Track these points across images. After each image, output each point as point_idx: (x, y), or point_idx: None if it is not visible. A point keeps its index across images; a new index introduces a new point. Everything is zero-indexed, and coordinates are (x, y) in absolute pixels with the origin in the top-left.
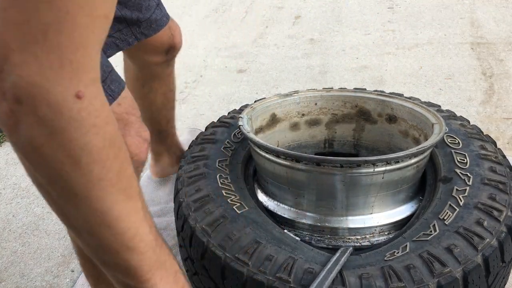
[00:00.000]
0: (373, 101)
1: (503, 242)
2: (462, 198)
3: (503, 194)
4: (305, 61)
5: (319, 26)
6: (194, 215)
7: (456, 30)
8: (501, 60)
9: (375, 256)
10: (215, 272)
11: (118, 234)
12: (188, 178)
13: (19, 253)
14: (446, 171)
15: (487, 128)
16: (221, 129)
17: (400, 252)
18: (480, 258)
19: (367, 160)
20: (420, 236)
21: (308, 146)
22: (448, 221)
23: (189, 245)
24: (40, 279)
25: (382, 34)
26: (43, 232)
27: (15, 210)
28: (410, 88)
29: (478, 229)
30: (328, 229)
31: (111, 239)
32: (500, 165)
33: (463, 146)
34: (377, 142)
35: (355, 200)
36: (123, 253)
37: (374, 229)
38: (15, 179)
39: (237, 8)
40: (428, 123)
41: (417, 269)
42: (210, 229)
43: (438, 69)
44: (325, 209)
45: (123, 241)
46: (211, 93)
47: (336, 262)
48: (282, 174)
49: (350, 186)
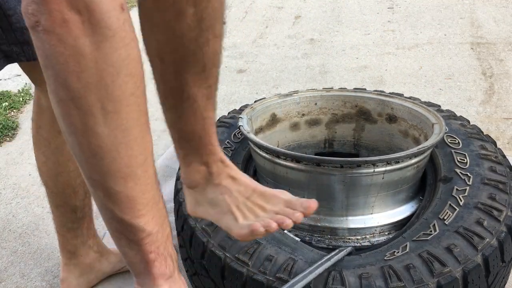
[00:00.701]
0: (373, 101)
1: (503, 241)
2: (462, 198)
3: (503, 194)
4: (305, 61)
5: (319, 26)
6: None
7: (456, 30)
8: (501, 60)
9: (375, 256)
10: (215, 272)
11: (132, 156)
12: None
13: (19, 253)
14: (446, 171)
15: (487, 128)
16: (221, 129)
17: (400, 252)
18: (480, 258)
19: (367, 161)
20: (420, 236)
21: (308, 146)
22: (448, 221)
23: (189, 245)
24: (40, 279)
25: (382, 34)
26: (43, 232)
27: (15, 210)
28: (410, 88)
29: (478, 229)
30: (328, 230)
31: (124, 161)
32: (500, 165)
33: (463, 146)
34: (377, 142)
35: (355, 200)
36: (130, 179)
37: (374, 229)
38: (15, 179)
39: (237, 8)
40: (428, 123)
41: (417, 269)
42: (210, 229)
43: (438, 69)
44: (325, 209)
45: (133, 165)
46: None
47: (326, 261)
48: (282, 174)
49: (350, 186)
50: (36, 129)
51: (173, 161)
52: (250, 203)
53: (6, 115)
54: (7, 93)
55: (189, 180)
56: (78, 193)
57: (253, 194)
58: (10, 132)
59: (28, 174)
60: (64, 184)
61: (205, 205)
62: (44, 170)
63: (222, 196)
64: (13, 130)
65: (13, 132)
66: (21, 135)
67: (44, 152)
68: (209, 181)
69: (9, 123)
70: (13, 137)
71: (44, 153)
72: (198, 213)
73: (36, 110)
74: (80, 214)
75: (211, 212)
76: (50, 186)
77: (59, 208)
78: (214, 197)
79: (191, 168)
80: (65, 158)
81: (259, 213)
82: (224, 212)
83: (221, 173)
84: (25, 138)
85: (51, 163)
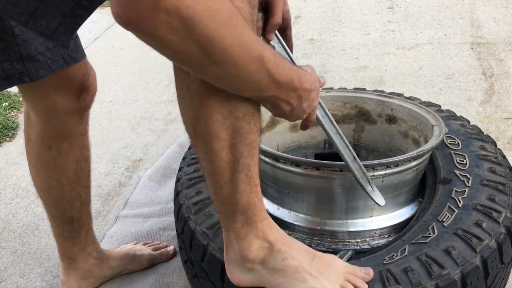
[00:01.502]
0: (373, 101)
1: (502, 243)
2: (461, 200)
3: (502, 195)
4: (305, 61)
5: (319, 26)
6: (194, 218)
7: (456, 30)
8: (501, 60)
9: (374, 260)
10: (215, 275)
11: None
12: (188, 180)
13: (19, 253)
14: (445, 173)
15: (487, 128)
16: None
17: (399, 255)
18: (479, 260)
19: (366, 164)
20: (419, 239)
21: (308, 147)
22: (447, 223)
23: (189, 247)
24: (40, 279)
25: (382, 34)
26: (43, 232)
27: (15, 210)
28: (410, 88)
29: (477, 230)
30: (328, 233)
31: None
32: (500, 166)
33: (463, 147)
34: (377, 142)
35: (354, 204)
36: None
37: (374, 232)
38: (15, 179)
39: None
40: (428, 125)
41: (415, 272)
42: (210, 232)
43: (438, 69)
44: (325, 213)
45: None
46: None
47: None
48: (282, 178)
49: (350, 190)
50: (27, 142)
51: (173, 161)
52: (315, 267)
53: (6, 115)
54: (7, 93)
55: (245, 254)
56: (74, 205)
57: (315, 257)
58: (10, 132)
59: (28, 174)
60: (57, 198)
61: (261, 272)
62: (37, 182)
63: (286, 261)
64: (13, 130)
65: (13, 132)
66: (21, 135)
67: (35, 165)
68: (270, 250)
69: (9, 123)
70: (13, 137)
71: (35, 166)
72: (249, 282)
73: (26, 124)
74: (77, 224)
75: (270, 279)
76: (44, 198)
77: (55, 219)
78: (275, 264)
79: (247, 240)
80: (57, 173)
81: (330, 277)
82: (289, 276)
83: (278, 239)
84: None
85: (43, 177)
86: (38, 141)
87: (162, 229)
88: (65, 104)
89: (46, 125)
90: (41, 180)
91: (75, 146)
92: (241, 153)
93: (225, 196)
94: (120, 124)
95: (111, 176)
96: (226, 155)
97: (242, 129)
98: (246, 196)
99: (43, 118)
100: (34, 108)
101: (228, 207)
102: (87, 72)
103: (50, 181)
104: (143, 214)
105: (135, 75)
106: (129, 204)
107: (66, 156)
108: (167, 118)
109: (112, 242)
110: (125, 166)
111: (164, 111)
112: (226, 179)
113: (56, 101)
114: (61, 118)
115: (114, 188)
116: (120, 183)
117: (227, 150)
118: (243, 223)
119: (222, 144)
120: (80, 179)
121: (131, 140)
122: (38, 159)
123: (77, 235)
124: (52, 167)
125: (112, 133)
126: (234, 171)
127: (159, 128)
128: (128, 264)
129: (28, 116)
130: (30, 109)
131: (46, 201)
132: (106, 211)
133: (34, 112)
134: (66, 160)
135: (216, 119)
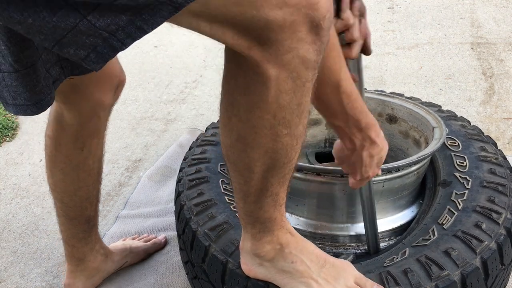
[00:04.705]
0: (374, 101)
1: (502, 244)
2: (461, 202)
3: (502, 196)
4: None
5: None
6: (196, 219)
7: (456, 30)
8: (501, 60)
9: (375, 263)
10: (215, 276)
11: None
12: (190, 181)
13: (19, 253)
14: (445, 175)
15: (487, 128)
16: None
17: (399, 258)
18: (479, 261)
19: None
20: (419, 242)
21: (309, 146)
22: (447, 225)
23: (190, 248)
24: (40, 279)
25: (382, 34)
26: (43, 232)
27: (15, 210)
28: (410, 88)
29: (477, 232)
30: (329, 236)
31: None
32: (500, 167)
33: (463, 148)
34: None
35: (355, 208)
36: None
37: None
38: (15, 179)
39: None
40: (429, 126)
41: (415, 273)
42: (213, 233)
43: (438, 69)
44: (326, 217)
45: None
46: (211, 93)
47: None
48: None
49: (351, 195)
50: (55, 147)
51: (173, 161)
52: (324, 274)
53: (6, 115)
54: None
55: (257, 252)
56: (93, 203)
57: (325, 264)
58: (10, 132)
59: (28, 174)
60: (82, 198)
61: (270, 269)
62: (61, 186)
63: (294, 265)
64: (13, 130)
65: (13, 132)
66: (21, 135)
67: (63, 169)
68: (280, 252)
69: (9, 123)
70: (13, 137)
71: (62, 170)
72: (258, 275)
73: (56, 128)
74: (92, 222)
75: (277, 278)
76: (66, 201)
77: (73, 221)
78: (284, 265)
79: (261, 242)
80: (85, 173)
81: (336, 286)
82: (295, 279)
83: (290, 242)
84: (25, 138)
85: (70, 180)
86: (70, 144)
87: (162, 229)
88: (107, 101)
89: (85, 125)
90: (67, 183)
91: (100, 144)
92: (271, 183)
93: (249, 210)
94: (120, 124)
95: (111, 176)
96: (256, 183)
97: (278, 164)
98: (269, 214)
99: (83, 118)
100: (75, 110)
101: (249, 218)
102: (121, 66)
103: (78, 183)
104: (143, 214)
105: (135, 75)
106: (129, 204)
107: (94, 156)
108: (167, 118)
109: (112, 242)
110: (125, 166)
111: (164, 111)
112: (252, 199)
113: (100, 98)
114: (99, 116)
115: (114, 188)
116: (120, 183)
117: (258, 181)
118: (260, 229)
119: (253, 176)
120: (99, 177)
121: (131, 140)
122: (68, 162)
123: (90, 234)
124: (82, 167)
125: (112, 133)
126: (262, 195)
127: (159, 128)
128: (128, 257)
129: (58, 121)
130: (67, 112)
131: (67, 204)
132: (106, 211)
133: (73, 115)
134: (94, 160)
135: (252, 156)
